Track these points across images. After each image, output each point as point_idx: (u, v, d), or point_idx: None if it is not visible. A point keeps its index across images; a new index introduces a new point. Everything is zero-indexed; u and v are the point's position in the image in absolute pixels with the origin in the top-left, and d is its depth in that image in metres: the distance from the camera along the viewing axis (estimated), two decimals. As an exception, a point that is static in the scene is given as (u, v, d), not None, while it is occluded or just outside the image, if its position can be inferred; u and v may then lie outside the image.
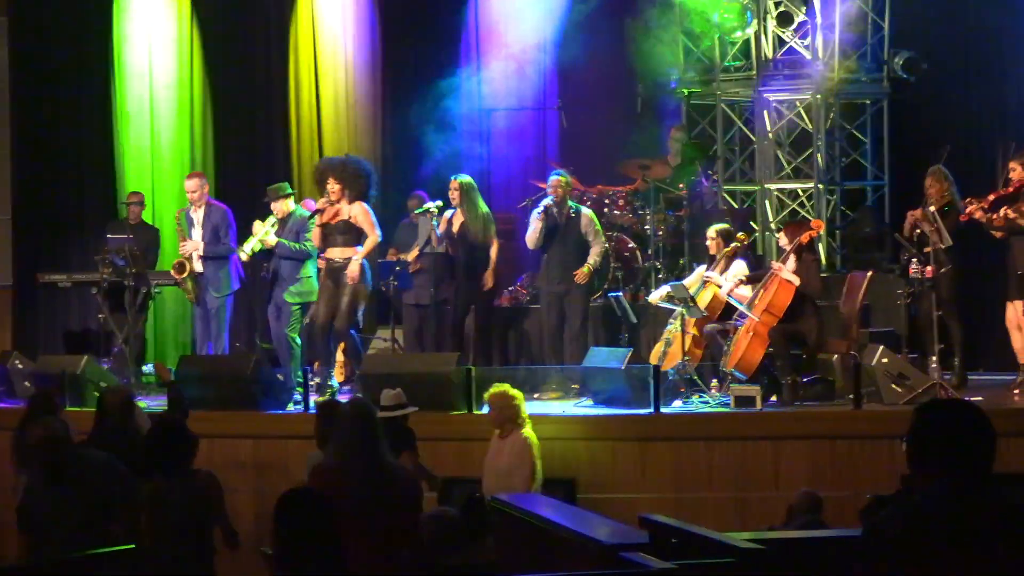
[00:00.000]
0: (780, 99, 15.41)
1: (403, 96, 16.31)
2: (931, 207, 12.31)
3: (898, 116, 15.43)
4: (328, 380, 12.85)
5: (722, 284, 12.62)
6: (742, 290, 12.45)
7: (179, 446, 7.82)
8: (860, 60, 15.32)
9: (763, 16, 15.32)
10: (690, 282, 12.93)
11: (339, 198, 12.73)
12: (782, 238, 12.47)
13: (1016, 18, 14.63)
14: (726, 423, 11.43)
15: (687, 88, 15.86)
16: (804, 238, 12.12)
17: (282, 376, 12.89)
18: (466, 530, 8.20)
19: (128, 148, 16.65)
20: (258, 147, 17.02)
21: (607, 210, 14.77)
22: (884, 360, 11.70)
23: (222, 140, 16.97)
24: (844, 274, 13.73)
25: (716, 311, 12.62)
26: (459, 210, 13.52)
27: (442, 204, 13.59)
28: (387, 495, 7.14)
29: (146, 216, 15.52)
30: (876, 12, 15.25)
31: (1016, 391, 12.17)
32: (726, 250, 12.87)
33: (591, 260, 13.34)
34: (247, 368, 12.42)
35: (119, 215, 15.41)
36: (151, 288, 14.39)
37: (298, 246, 13.26)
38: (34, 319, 16.36)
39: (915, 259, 12.21)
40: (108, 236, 14.54)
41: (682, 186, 15.09)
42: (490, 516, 7.69)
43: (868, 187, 15.63)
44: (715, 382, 12.34)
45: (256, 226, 13.47)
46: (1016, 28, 14.65)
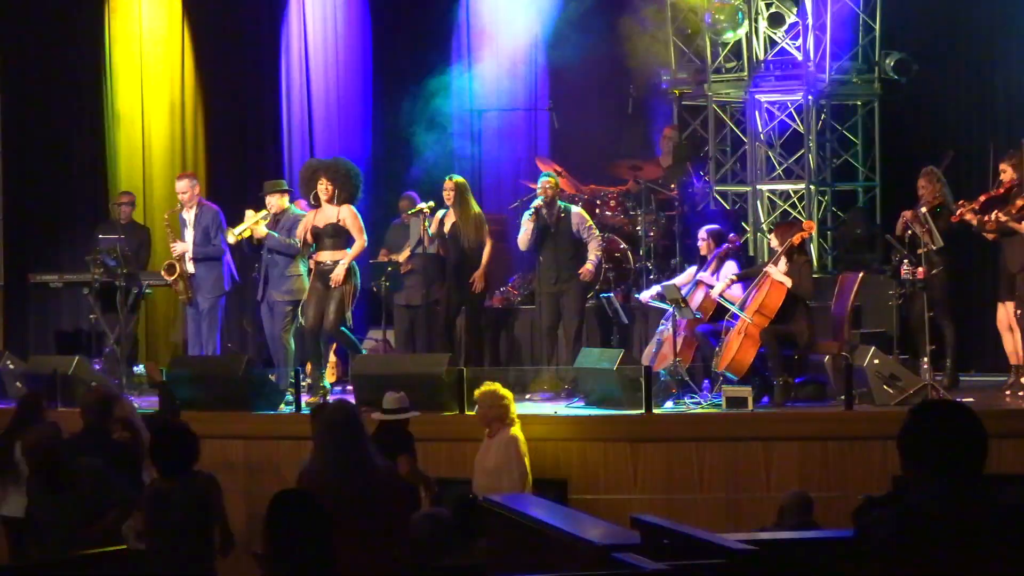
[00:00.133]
0: (771, 100, 15.44)
1: (394, 96, 16.30)
2: (923, 208, 12.34)
3: (889, 117, 15.45)
4: (320, 381, 12.84)
5: (713, 285, 12.64)
6: (733, 290, 12.46)
7: (182, 448, 7.82)
8: (851, 61, 15.35)
9: (754, 17, 15.34)
10: (681, 281, 12.94)
11: (329, 198, 12.71)
12: (773, 239, 12.47)
13: (1006, 19, 14.66)
14: (718, 424, 11.43)
15: (679, 89, 15.89)
16: (795, 239, 12.12)
17: (274, 377, 12.89)
18: (459, 531, 8.20)
19: (119, 148, 16.64)
20: (249, 147, 17.02)
21: (598, 211, 14.75)
22: (875, 361, 11.70)
23: (213, 140, 16.96)
24: (835, 275, 13.75)
25: (708, 312, 12.62)
26: (451, 210, 13.50)
27: (434, 204, 13.57)
28: (374, 496, 7.13)
29: (138, 217, 15.51)
30: (867, 13, 15.27)
31: (1007, 392, 12.18)
32: (718, 251, 12.89)
33: (592, 256, 13.30)
34: (239, 369, 12.42)
35: (110, 215, 15.39)
36: (142, 288, 14.38)
37: (289, 241, 13.23)
38: (25, 319, 16.33)
39: (906, 260, 12.22)
40: (99, 236, 14.53)
41: (673, 187, 15.09)
42: (483, 517, 7.68)
43: (859, 188, 15.66)
44: (706, 383, 12.36)
45: (248, 214, 13.46)
46: (1006, 29, 14.69)
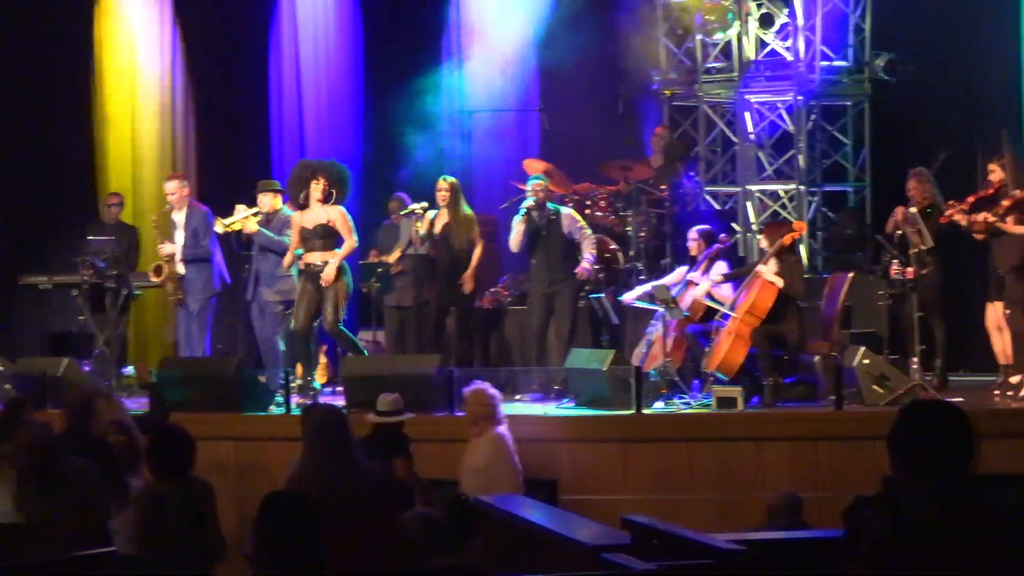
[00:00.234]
0: (762, 100, 15.45)
1: (384, 97, 16.29)
2: (913, 208, 12.35)
3: (879, 118, 15.47)
4: (311, 382, 12.81)
5: (700, 284, 12.64)
6: (723, 290, 12.46)
7: (179, 451, 7.83)
8: (841, 62, 15.36)
9: (744, 18, 15.35)
10: (670, 281, 12.94)
11: (323, 199, 12.67)
12: (763, 240, 12.48)
13: (995, 19, 14.67)
14: (708, 424, 11.43)
15: (669, 89, 15.90)
16: (786, 239, 12.12)
17: (264, 378, 12.87)
18: (452, 531, 8.19)
19: (109, 150, 16.61)
20: (239, 149, 16.98)
21: (589, 211, 14.75)
22: (865, 361, 11.71)
23: (203, 142, 16.94)
24: (825, 275, 13.76)
25: (698, 312, 12.63)
26: (442, 211, 13.49)
27: (427, 205, 13.56)
28: (362, 498, 7.12)
29: (128, 218, 15.47)
30: (857, 14, 15.29)
31: (996, 392, 12.19)
32: (708, 252, 12.90)
33: (587, 255, 13.29)
34: (229, 370, 12.40)
35: (100, 217, 15.37)
36: (132, 290, 14.34)
37: (279, 238, 13.20)
38: (15, 321, 16.30)
39: (896, 260, 12.24)
40: (89, 238, 14.50)
41: (664, 187, 15.09)
42: (474, 517, 7.68)
43: (850, 189, 15.67)
44: (696, 383, 12.36)
45: (240, 208, 13.44)
46: (996, 29, 14.69)
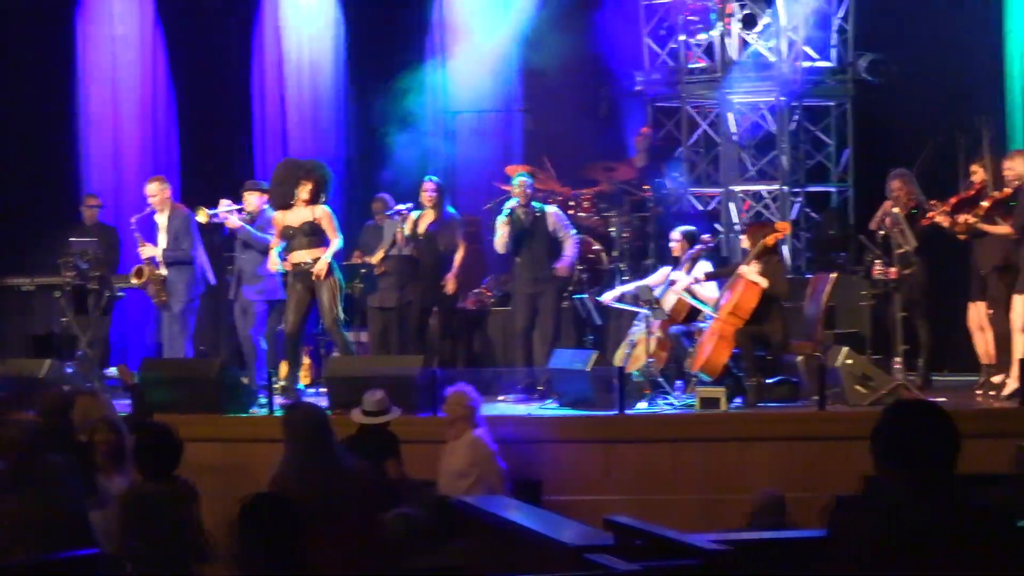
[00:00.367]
0: (744, 101, 15.45)
1: (368, 97, 16.28)
2: (895, 209, 12.36)
3: (862, 118, 15.48)
4: (295, 383, 12.79)
5: (678, 281, 12.64)
6: (706, 289, 12.46)
7: (167, 451, 7.83)
8: (824, 62, 15.37)
9: (727, 19, 15.36)
10: (653, 282, 12.94)
11: (310, 200, 12.64)
12: (746, 240, 12.48)
13: (979, 20, 14.69)
14: (691, 424, 11.44)
15: (652, 90, 15.90)
16: (769, 240, 12.12)
17: (247, 379, 12.85)
18: (434, 532, 8.18)
19: (91, 151, 16.57)
20: (222, 149, 16.94)
21: (572, 211, 14.76)
22: (848, 361, 11.73)
23: (186, 142, 16.89)
24: (809, 276, 13.77)
25: (681, 313, 12.63)
26: (427, 211, 13.48)
27: (412, 206, 13.55)
28: (345, 497, 7.12)
29: (110, 221, 15.43)
30: (840, 15, 15.30)
31: (979, 392, 12.22)
32: (691, 252, 12.90)
33: (567, 253, 13.30)
34: (211, 371, 12.37)
35: (82, 218, 15.33)
36: (114, 291, 14.31)
37: (261, 235, 13.17)
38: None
39: (879, 260, 12.26)
40: (71, 239, 14.45)
41: (647, 187, 15.10)
42: (457, 518, 7.67)
43: (832, 189, 15.68)
44: (679, 384, 12.37)
45: (224, 203, 13.42)
46: (978, 30, 14.71)
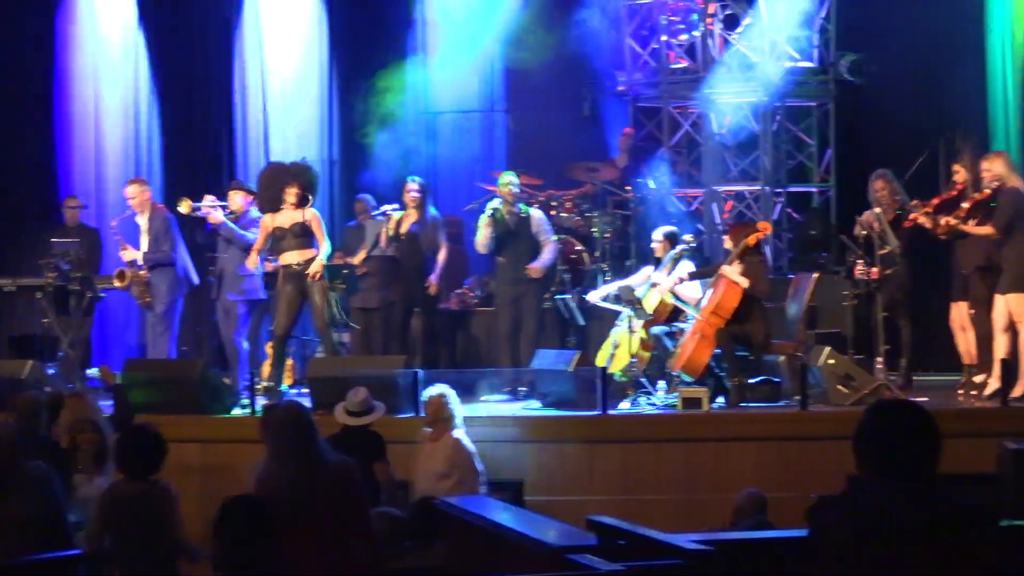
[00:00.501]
0: (726, 101, 15.45)
1: (350, 99, 16.26)
2: (878, 209, 12.39)
3: (844, 119, 15.50)
4: (278, 384, 12.78)
5: (662, 282, 12.65)
6: (689, 289, 12.47)
7: (148, 452, 7.84)
8: (806, 63, 15.38)
9: (709, 19, 15.37)
10: (635, 282, 12.95)
11: (297, 203, 12.61)
12: (728, 240, 12.49)
13: (960, 20, 14.71)
14: (673, 425, 11.45)
15: (634, 91, 15.90)
16: (751, 240, 12.14)
17: (229, 380, 12.84)
18: (416, 532, 8.17)
19: (72, 151, 16.53)
20: (204, 150, 16.92)
21: (554, 212, 14.77)
22: (830, 361, 11.75)
23: (167, 143, 16.86)
24: (791, 276, 13.79)
25: (663, 313, 12.64)
26: (409, 211, 13.46)
27: (398, 206, 13.54)
28: (331, 494, 7.10)
29: (92, 222, 15.40)
30: (822, 15, 15.32)
31: (960, 392, 12.24)
32: (673, 253, 12.91)
33: (544, 256, 13.36)
34: (194, 372, 12.36)
35: (65, 219, 15.31)
36: (96, 292, 14.28)
37: (243, 233, 13.14)
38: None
39: (861, 260, 12.28)
40: (52, 240, 14.42)
41: (629, 188, 15.12)
42: (439, 519, 7.67)
43: (814, 190, 15.70)
44: (662, 384, 12.38)
45: (208, 198, 13.40)
46: (960, 30, 14.73)
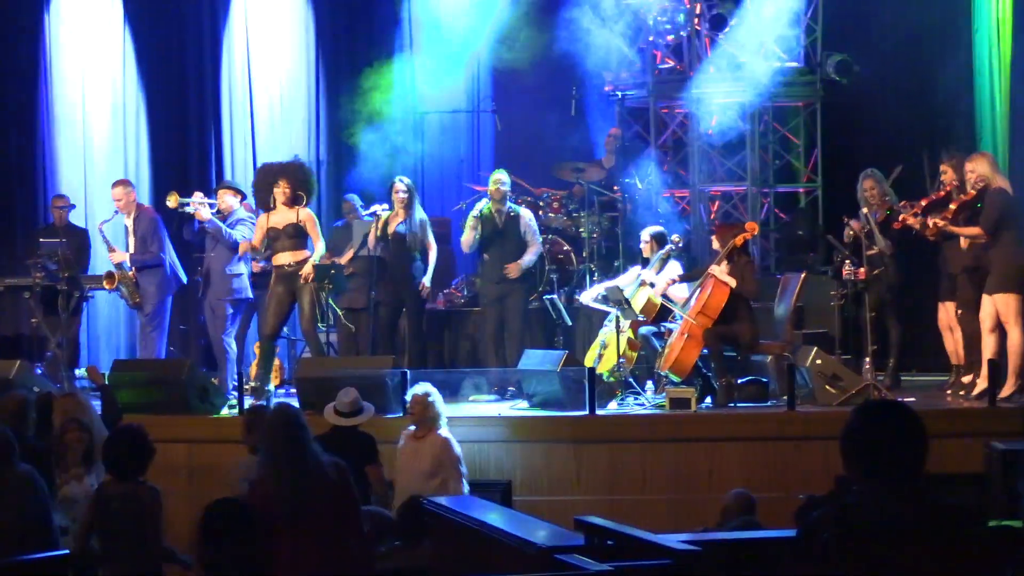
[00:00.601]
0: (713, 101, 15.45)
1: (338, 99, 16.25)
2: (865, 210, 12.41)
3: (831, 119, 15.50)
4: (265, 384, 12.78)
5: (656, 283, 12.66)
6: (677, 290, 12.48)
7: (134, 453, 7.84)
8: (792, 63, 15.39)
9: (696, 19, 15.37)
10: (623, 282, 12.95)
11: (287, 202, 12.60)
12: (715, 240, 12.50)
13: (947, 20, 14.72)
14: (661, 425, 11.46)
15: (621, 91, 15.90)
16: (738, 240, 12.14)
17: (216, 380, 12.84)
18: (404, 532, 8.18)
19: (60, 151, 16.50)
20: (192, 150, 16.89)
21: (542, 212, 14.78)
22: (818, 361, 11.76)
23: (155, 143, 16.83)
24: (778, 276, 13.79)
25: (651, 313, 12.65)
26: (396, 211, 13.45)
27: (388, 206, 13.54)
28: (325, 495, 7.11)
29: (80, 221, 15.38)
30: (809, 15, 15.33)
31: (948, 392, 12.26)
32: (660, 253, 12.92)
33: (527, 257, 13.39)
34: (181, 373, 12.35)
35: (51, 219, 15.28)
36: (84, 292, 14.27)
37: (231, 231, 13.12)
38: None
39: (848, 261, 12.29)
40: (40, 240, 14.40)
41: (616, 188, 15.12)
42: (426, 519, 7.67)
43: (801, 190, 15.71)
44: (650, 384, 12.40)
45: (197, 195, 13.39)
46: (947, 29, 14.74)
